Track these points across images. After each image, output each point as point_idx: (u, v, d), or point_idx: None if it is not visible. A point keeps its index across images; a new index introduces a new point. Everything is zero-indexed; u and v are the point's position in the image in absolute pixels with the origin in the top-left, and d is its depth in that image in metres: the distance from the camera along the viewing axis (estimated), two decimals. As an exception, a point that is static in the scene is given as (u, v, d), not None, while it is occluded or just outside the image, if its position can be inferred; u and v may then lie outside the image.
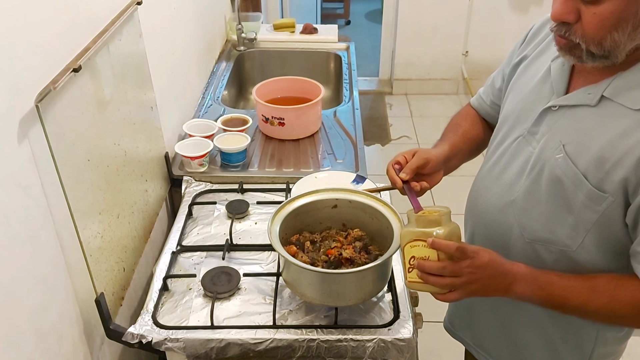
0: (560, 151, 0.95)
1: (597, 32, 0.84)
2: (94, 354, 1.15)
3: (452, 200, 3.07)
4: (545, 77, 1.02)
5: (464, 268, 0.93)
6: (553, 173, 0.96)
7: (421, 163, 1.11)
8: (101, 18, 1.15)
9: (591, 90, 0.93)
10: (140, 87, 1.38)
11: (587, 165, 0.91)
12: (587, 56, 0.88)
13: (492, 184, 1.10)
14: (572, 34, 0.88)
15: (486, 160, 1.16)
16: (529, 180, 1.01)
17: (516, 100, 1.09)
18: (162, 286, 1.24)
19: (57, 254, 0.99)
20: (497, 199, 1.08)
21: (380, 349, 1.12)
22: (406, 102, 4.11)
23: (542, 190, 0.99)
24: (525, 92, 1.07)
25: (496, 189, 1.09)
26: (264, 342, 1.12)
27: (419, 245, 0.96)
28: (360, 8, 5.97)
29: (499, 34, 3.96)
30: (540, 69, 1.05)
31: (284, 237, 1.19)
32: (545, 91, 1.01)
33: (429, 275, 0.95)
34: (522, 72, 1.11)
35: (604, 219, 0.92)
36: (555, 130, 0.97)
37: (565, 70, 0.99)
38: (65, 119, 0.98)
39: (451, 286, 0.95)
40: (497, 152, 1.11)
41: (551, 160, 0.96)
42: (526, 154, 1.03)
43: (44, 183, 0.94)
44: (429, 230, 0.95)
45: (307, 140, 1.80)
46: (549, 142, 0.98)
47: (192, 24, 1.97)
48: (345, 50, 2.50)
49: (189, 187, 1.58)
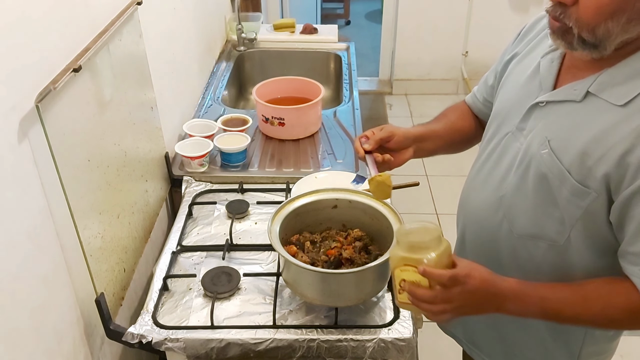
0: (546, 147, 0.95)
1: (592, 18, 0.84)
2: (94, 354, 1.15)
3: (452, 200, 3.07)
4: (534, 73, 1.03)
5: (455, 295, 0.92)
6: (539, 168, 0.96)
7: (385, 136, 1.14)
8: (101, 18, 1.15)
9: (577, 86, 0.93)
10: (141, 87, 1.38)
11: (572, 161, 0.91)
12: (577, 42, 0.87)
13: (483, 181, 1.11)
14: (566, 16, 0.87)
15: (477, 157, 1.17)
16: (517, 176, 1.01)
17: (506, 96, 1.09)
18: (162, 286, 1.24)
19: (57, 254, 0.99)
20: (487, 195, 1.09)
21: (380, 349, 1.12)
22: (406, 102, 4.11)
23: (529, 186, 0.99)
24: (515, 89, 1.07)
25: (486, 186, 1.09)
26: (264, 342, 1.12)
27: (409, 270, 0.94)
28: (360, 8, 5.97)
29: (499, 34, 3.95)
30: (530, 66, 1.05)
31: (284, 237, 1.19)
32: (533, 87, 1.02)
33: (420, 302, 0.94)
34: (512, 69, 1.11)
35: (588, 214, 0.93)
36: (542, 126, 0.97)
37: (553, 66, 0.99)
38: (65, 119, 0.98)
39: (443, 312, 0.94)
40: (487, 148, 1.11)
41: (537, 156, 0.96)
42: (514, 150, 1.03)
43: (44, 183, 0.94)
44: (419, 257, 0.92)
45: (307, 141, 1.80)
46: (535, 138, 0.98)
47: (192, 24, 1.97)
48: (345, 51, 2.50)
49: (189, 187, 1.58)
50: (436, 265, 0.91)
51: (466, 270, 0.93)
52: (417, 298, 0.93)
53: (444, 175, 3.18)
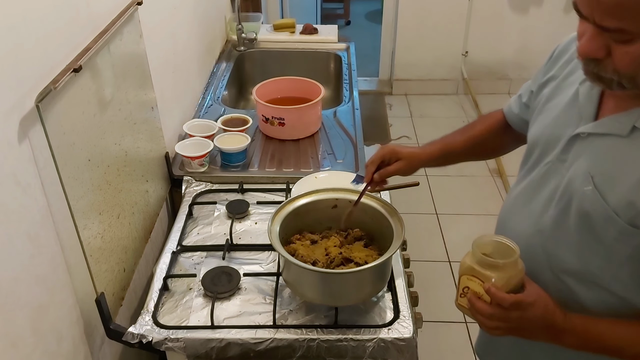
0: (589, 183, 0.89)
1: (630, 70, 0.79)
2: (94, 354, 1.15)
3: (452, 200, 3.08)
4: (573, 100, 0.97)
5: (513, 318, 0.91)
6: (581, 205, 0.90)
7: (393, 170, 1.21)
8: (102, 18, 1.15)
9: (622, 119, 0.86)
10: (141, 87, 1.38)
11: (618, 201, 0.85)
12: (617, 86, 0.83)
13: (520, 211, 1.05)
14: (602, 69, 0.81)
15: (515, 184, 1.11)
16: (557, 210, 0.96)
17: (544, 124, 1.03)
18: (163, 286, 1.24)
19: (57, 254, 0.99)
20: (524, 227, 1.03)
21: (380, 349, 1.12)
22: (406, 103, 4.11)
23: (571, 222, 0.93)
24: (553, 116, 1.01)
25: (523, 217, 1.04)
26: (264, 342, 1.12)
27: (475, 281, 0.94)
28: (360, 8, 5.97)
29: (499, 34, 3.96)
30: (568, 91, 0.99)
31: (284, 237, 1.20)
32: (572, 116, 0.95)
33: (477, 313, 0.94)
34: (551, 94, 1.04)
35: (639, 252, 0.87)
36: (584, 160, 0.91)
37: (593, 94, 0.92)
38: (65, 119, 0.98)
39: (496, 329, 0.93)
40: (527, 178, 1.06)
41: (579, 193, 0.90)
42: (555, 182, 0.97)
43: (44, 183, 0.94)
44: (489, 274, 0.92)
45: (307, 141, 1.80)
46: (577, 172, 0.92)
47: (193, 24, 1.97)
48: (345, 51, 2.50)
49: (189, 187, 1.58)
50: (503, 287, 0.91)
51: (532, 298, 0.91)
52: (476, 310, 0.94)
53: (444, 175, 3.18)
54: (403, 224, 1.15)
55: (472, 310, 0.95)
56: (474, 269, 0.94)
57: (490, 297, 0.91)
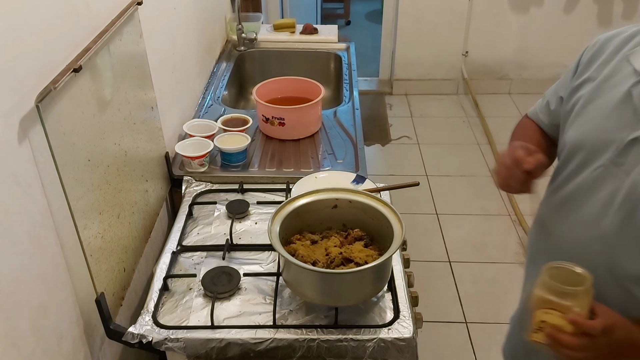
0: None
1: None
2: (94, 354, 1.15)
3: (452, 200, 3.08)
4: (624, 102, 0.95)
5: (601, 345, 0.89)
6: None
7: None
8: (101, 18, 1.15)
9: None
10: (141, 87, 1.38)
11: None
12: None
13: (570, 216, 1.02)
14: None
15: (553, 191, 1.09)
16: (620, 216, 0.94)
17: (588, 127, 1.00)
18: (163, 286, 1.24)
19: (57, 254, 0.99)
20: (579, 233, 1.00)
21: (380, 349, 1.12)
22: (406, 102, 4.11)
23: (638, 227, 0.92)
24: (599, 118, 0.99)
25: (576, 223, 1.01)
26: (264, 342, 1.12)
27: (552, 314, 0.91)
28: (360, 8, 5.98)
29: (499, 34, 3.96)
30: (615, 94, 0.97)
31: (284, 237, 1.20)
32: (626, 118, 0.93)
33: (562, 347, 0.90)
34: (590, 96, 1.02)
35: None
36: None
37: None
38: (65, 119, 0.98)
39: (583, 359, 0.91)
40: (571, 183, 1.03)
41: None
42: (612, 187, 0.95)
43: (44, 183, 0.94)
44: (568, 304, 0.90)
45: (307, 141, 1.80)
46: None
47: (193, 24, 1.97)
48: (345, 51, 2.50)
49: (189, 187, 1.58)
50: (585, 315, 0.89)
51: (612, 320, 0.90)
52: (561, 344, 0.90)
53: (444, 175, 3.18)
54: (403, 224, 1.15)
55: (555, 345, 0.91)
56: (551, 300, 0.91)
57: (578, 327, 0.88)
